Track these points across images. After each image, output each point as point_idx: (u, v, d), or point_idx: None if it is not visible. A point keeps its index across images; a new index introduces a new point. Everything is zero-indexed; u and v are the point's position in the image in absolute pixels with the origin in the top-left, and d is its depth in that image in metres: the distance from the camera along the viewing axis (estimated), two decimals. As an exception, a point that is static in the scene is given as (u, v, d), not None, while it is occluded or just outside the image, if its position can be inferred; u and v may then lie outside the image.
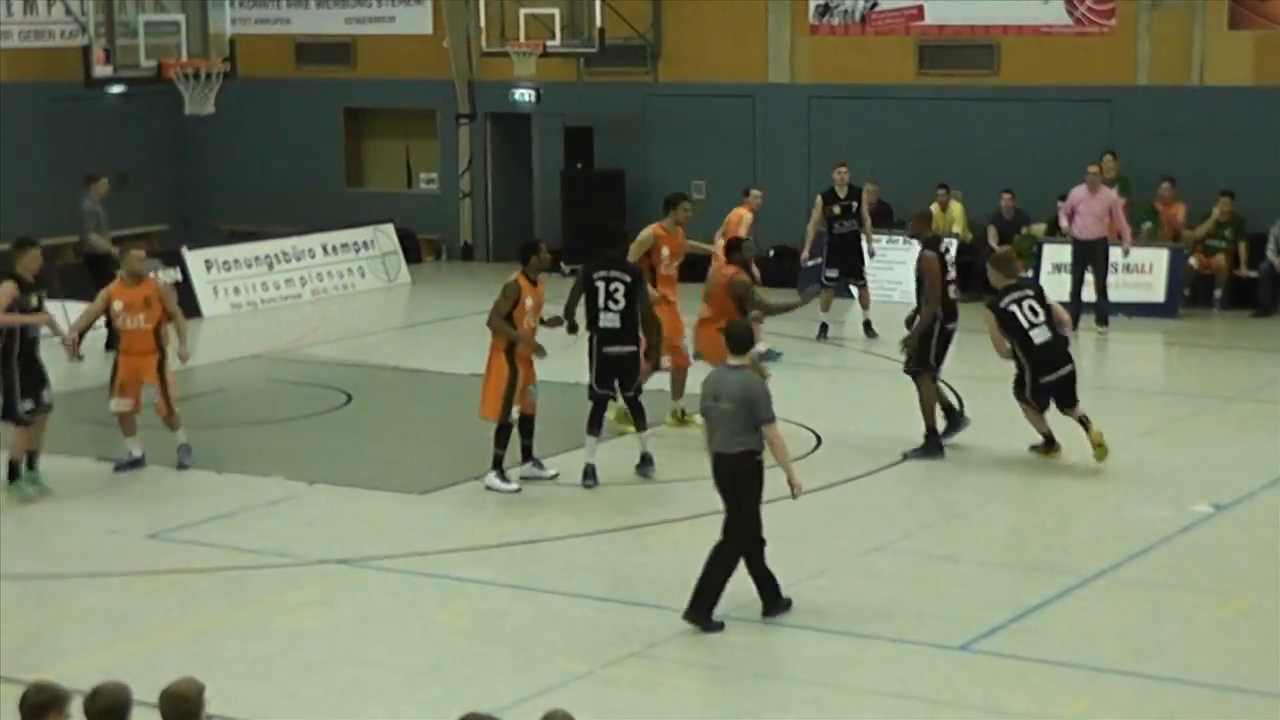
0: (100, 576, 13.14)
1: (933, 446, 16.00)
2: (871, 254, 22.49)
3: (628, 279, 15.24)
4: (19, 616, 12.31)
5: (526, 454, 15.52)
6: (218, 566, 13.30)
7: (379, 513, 14.80)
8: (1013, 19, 25.26)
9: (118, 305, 15.80)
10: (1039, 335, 15.51)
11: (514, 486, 15.16)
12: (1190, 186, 23.78)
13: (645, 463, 15.60)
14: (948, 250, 18.65)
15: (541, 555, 13.60)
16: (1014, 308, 15.57)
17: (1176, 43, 24.48)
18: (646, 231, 17.43)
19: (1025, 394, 15.76)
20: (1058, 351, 15.66)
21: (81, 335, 16.17)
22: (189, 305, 23.50)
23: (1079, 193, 22.19)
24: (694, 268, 19.19)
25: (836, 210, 22.03)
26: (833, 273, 22.08)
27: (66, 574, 13.24)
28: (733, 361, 11.92)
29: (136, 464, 15.90)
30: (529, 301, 15.18)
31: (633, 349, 15.33)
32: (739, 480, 11.73)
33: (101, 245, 21.81)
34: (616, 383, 15.39)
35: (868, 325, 21.86)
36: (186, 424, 16.20)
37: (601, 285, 15.27)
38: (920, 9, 25.78)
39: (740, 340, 12.03)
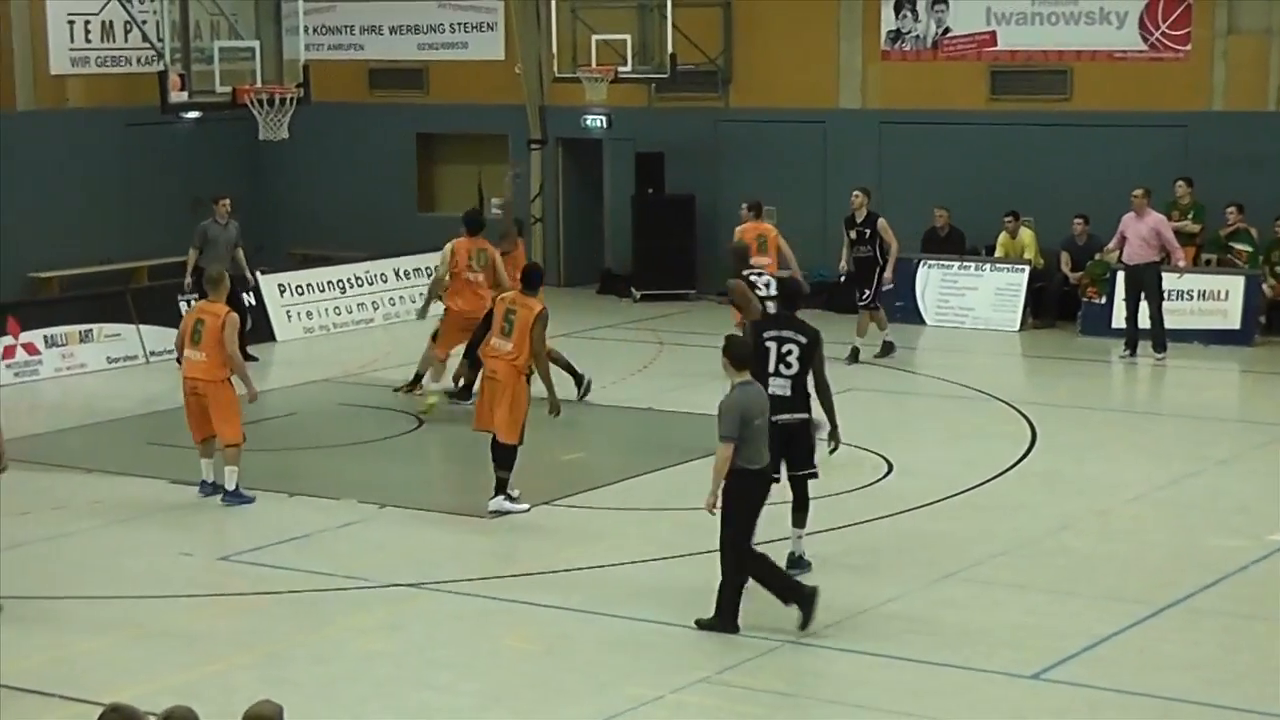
0: (172, 598, 13.22)
1: None
2: (890, 282, 22.44)
3: (803, 340, 13.35)
4: (92, 638, 12.40)
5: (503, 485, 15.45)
6: (289, 589, 13.35)
7: (448, 537, 14.84)
8: (1086, 44, 25.15)
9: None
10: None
11: (525, 506, 15.24)
12: (1269, 212, 23.58)
13: (794, 565, 13.53)
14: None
15: (610, 580, 13.59)
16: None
17: (1253, 68, 24.30)
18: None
19: None
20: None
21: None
22: (263, 329, 23.72)
23: (1127, 219, 22.11)
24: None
25: (852, 235, 22.01)
26: (866, 294, 22.09)
27: (139, 596, 13.32)
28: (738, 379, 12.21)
29: (216, 489, 15.95)
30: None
31: (804, 417, 13.41)
32: (727, 495, 12.18)
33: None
34: (784, 461, 13.25)
35: (886, 345, 22.15)
36: (259, 446, 16.29)
37: (773, 346, 13.31)
38: (993, 34, 25.70)
39: (738, 356, 12.29)
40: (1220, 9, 24.37)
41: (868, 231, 21.90)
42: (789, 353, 13.26)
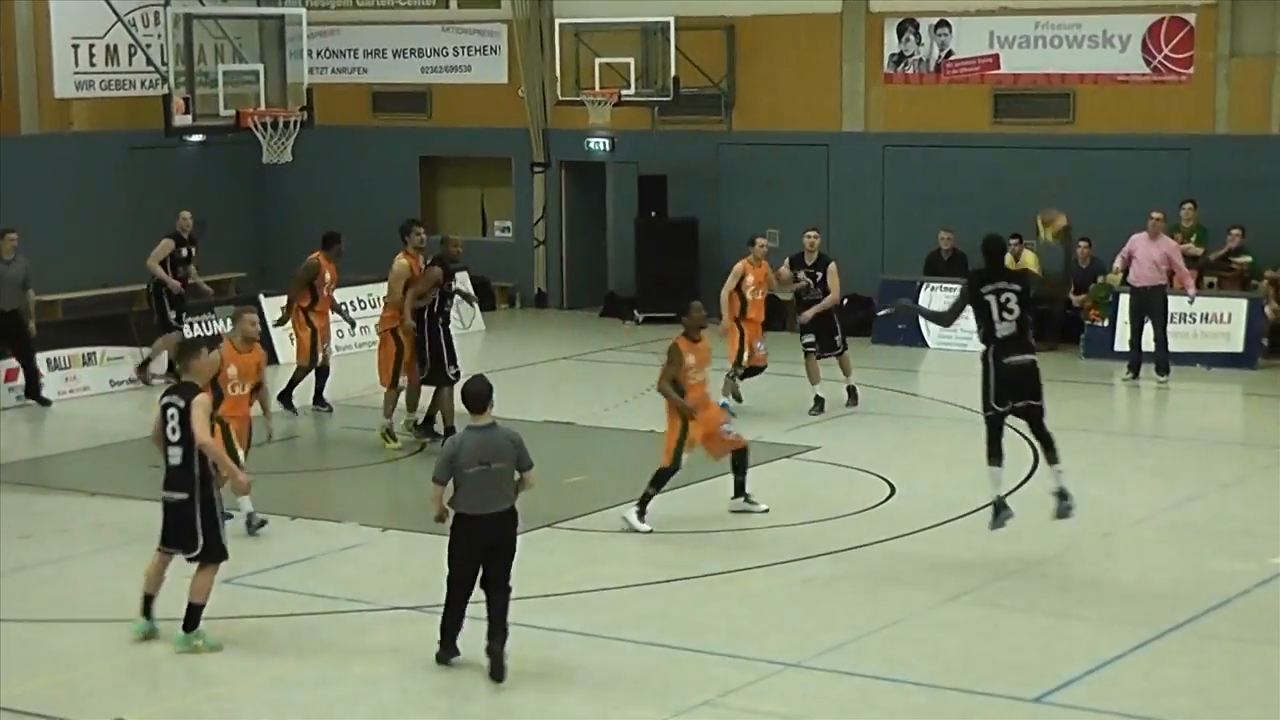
0: (175, 621, 13.19)
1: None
2: (836, 330, 20.59)
3: (1018, 288, 14.35)
4: (95, 661, 12.39)
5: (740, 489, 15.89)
6: (291, 612, 13.34)
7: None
8: (1089, 68, 25.18)
9: (231, 370, 15.30)
10: None
11: (646, 527, 15.32)
12: (1272, 234, 23.58)
13: (1063, 498, 14.50)
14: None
15: (613, 603, 13.57)
16: None
17: (1256, 91, 24.32)
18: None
19: None
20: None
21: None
22: (266, 352, 23.66)
23: (1139, 239, 22.12)
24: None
25: (800, 275, 20.41)
26: (809, 338, 20.40)
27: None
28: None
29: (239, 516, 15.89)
30: (690, 359, 15.32)
31: (1031, 358, 14.36)
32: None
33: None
34: (1015, 400, 14.30)
35: (851, 391, 20.63)
36: (262, 468, 16.27)
37: (993, 298, 14.29)
38: (996, 58, 25.73)
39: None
40: (1223, 32, 24.40)
41: (819, 274, 20.40)
42: (1007, 300, 14.24)
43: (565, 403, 20.81)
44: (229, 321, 20.68)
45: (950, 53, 25.99)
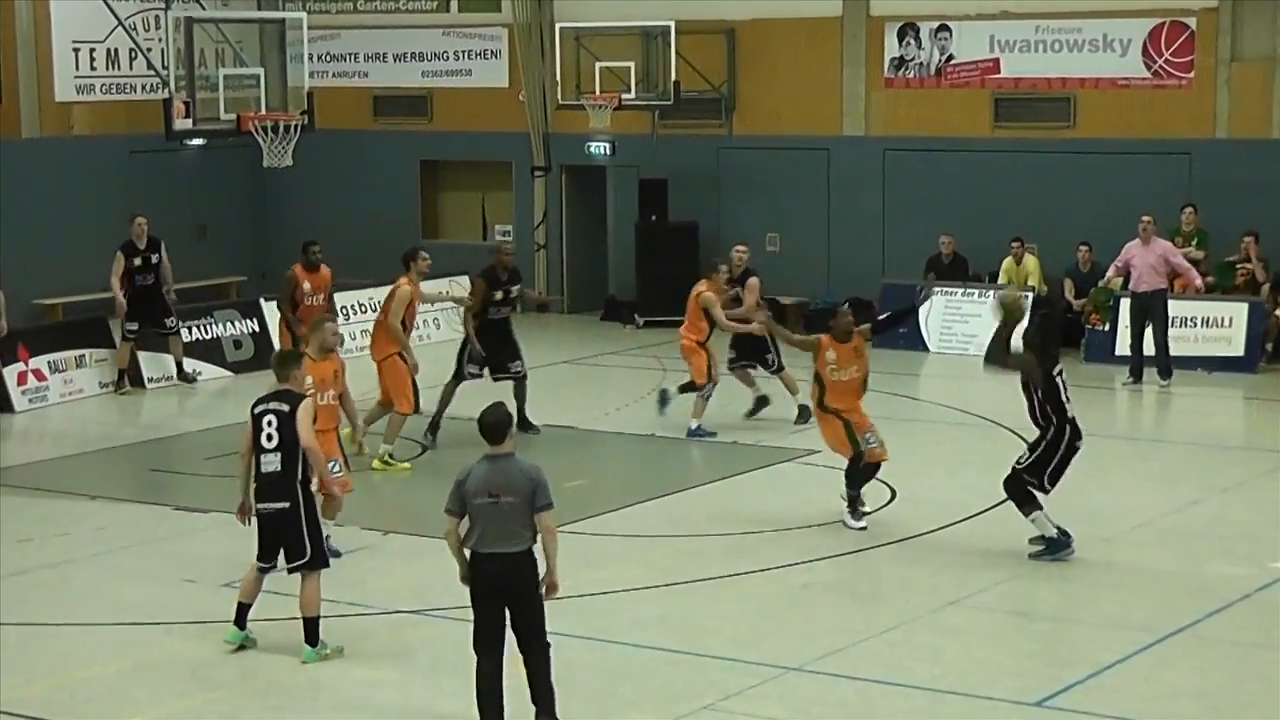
0: (176, 625, 13.20)
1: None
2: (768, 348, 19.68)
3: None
4: (95, 665, 12.39)
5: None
6: (292, 616, 13.33)
7: (452, 563, 14.76)
8: (1089, 72, 25.18)
9: (309, 381, 14.56)
10: None
11: (862, 525, 15.40)
12: (1273, 239, 23.59)
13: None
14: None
15: (614, 607, 13.57)
16: None
17: (1256, 96, 24.33)
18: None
19: None
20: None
21: None
22: (266, 356, 23.67)
23: (1133, 246, 22.12)
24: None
25: (732, 293, 19.64)
26: (733, 353, 19.86)
27: (142, 623, 13.31)
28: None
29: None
30: (831, 354, 15.60)
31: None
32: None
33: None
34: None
35: (802, 411, 19.21)
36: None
37: (1059, 379, 14.49)
38: (996, 62, 25.74)
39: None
40: (1223, 37, 24.40)
41: (738, 289, 19.55)
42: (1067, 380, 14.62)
43: (566, 407, 20.80)
44: (230, 325, 20.68)
45: (951, 57, 25.99)
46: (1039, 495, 14.57)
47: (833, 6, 26.57)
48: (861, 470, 15.63)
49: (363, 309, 25.52)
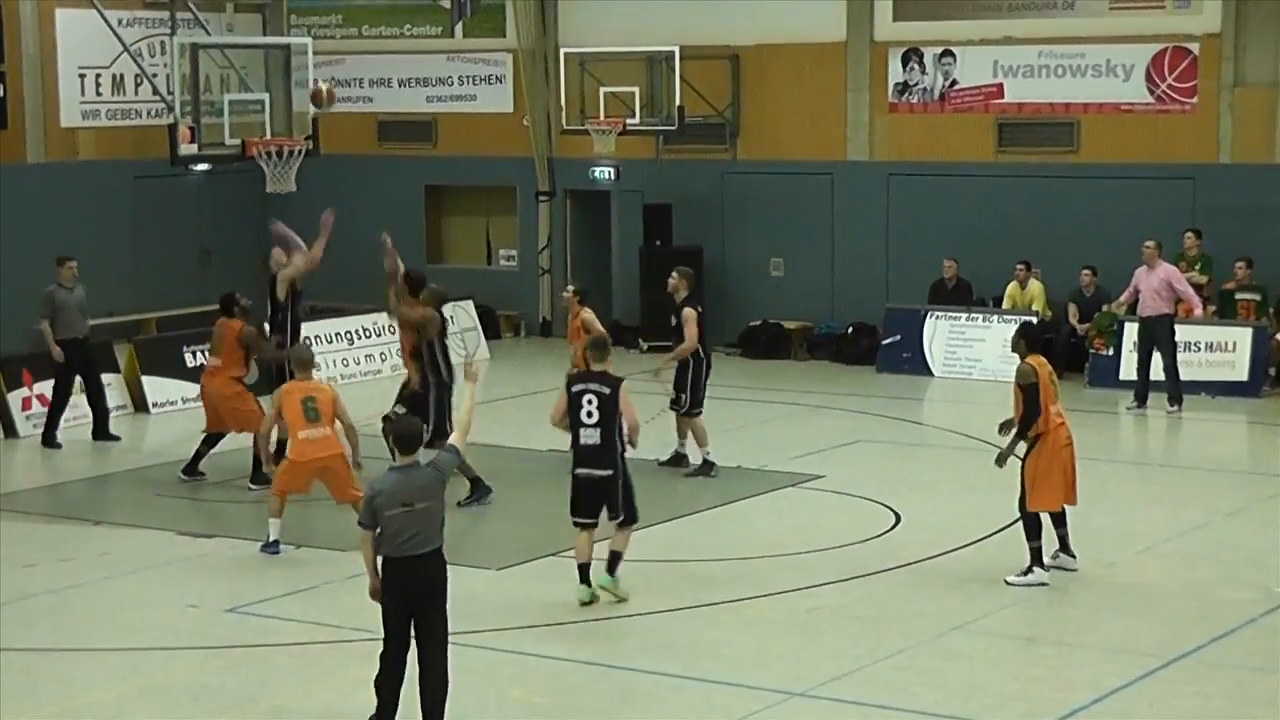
0: (179, 650, 13.20)
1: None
2: (660, 373, 19.22)
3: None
4: (98, 690, 12.38)
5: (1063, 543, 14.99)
6: (295, 641, 13.33)
7: (455, 588, 14.69)
8: (1093, 97, 25.21)
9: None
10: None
11: (1045, 578, 14.57)
12: (1277, 264, 23.60)
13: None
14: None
15: (618, 632, 13.56)
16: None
17: (1260, 121, 24.34)
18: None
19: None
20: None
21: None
22: (270, 379, 23.67)
23: (1139, 272, 22.13)
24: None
25: (673, 322, 18.74)
26: (673, 394, 18.87)
27: (146, 648, 13.30)
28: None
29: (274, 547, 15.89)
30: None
31: None
32: None
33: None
34: None
35: (706, 463, 18.53)
36: (266, 498, 16.30)
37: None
38: (1000, 87, 25.77)
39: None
40: (1226, 62, 24.43)
41: (674, 320, 18.54)
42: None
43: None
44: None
45: (954, 82, 26.03)
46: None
47: (837, 31, 26.62)
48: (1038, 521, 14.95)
49: (365, 334, 25.57)
